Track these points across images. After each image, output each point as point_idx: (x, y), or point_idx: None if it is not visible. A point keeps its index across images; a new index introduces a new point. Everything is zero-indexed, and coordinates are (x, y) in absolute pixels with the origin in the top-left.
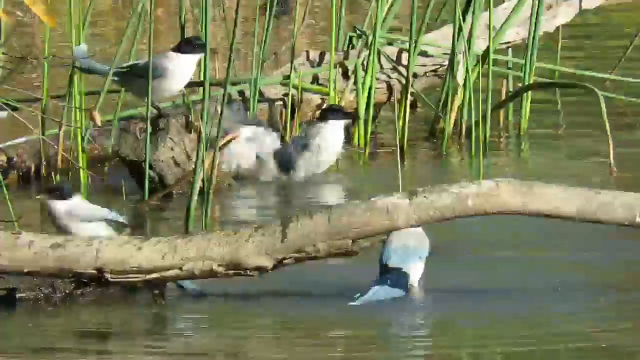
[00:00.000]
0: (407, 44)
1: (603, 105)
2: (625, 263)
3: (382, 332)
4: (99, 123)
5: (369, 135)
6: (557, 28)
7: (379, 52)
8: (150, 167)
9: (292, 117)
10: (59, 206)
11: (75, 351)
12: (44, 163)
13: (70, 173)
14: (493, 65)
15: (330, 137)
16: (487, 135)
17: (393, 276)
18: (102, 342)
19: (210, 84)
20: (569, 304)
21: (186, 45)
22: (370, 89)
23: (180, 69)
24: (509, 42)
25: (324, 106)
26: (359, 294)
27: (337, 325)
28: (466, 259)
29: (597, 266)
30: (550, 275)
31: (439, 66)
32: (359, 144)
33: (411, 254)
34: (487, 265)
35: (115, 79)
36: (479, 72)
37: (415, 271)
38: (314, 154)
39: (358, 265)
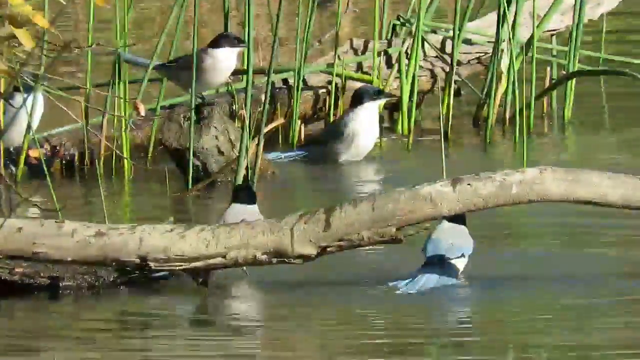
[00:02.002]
0: (451, 31)
1: None
2: None
3: (426, 320)
4: (142, 112)
5: (412, 123)
6: (601, 16)
7: (422, 40)
8: (194, 156)
9: (336, 105)
10: (237, 209)
11: (117, 339)
12: (88, 152)
13: (113, 161)
14: (537, 53)
15: (365, 120)
16: (531, 122)
17: (440, 267)
18: (144, 331)
19: (254, 72)
20: (615, 295)
21: (223, 40)
22: (413, 76)
23: (220, 64)
24: (553, 30)
25: (356, 89)
26: (407, 281)
27: (382, 312)
28: (511, 249)
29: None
30: (597, 266)
31: (482, 54)
32: (402, 132)
33: (457, 249)
34: (532, 256)
35: (161, 71)
36: (522, 59)
37: (461, 265)
38: (350, 141)
39: (393, 254)
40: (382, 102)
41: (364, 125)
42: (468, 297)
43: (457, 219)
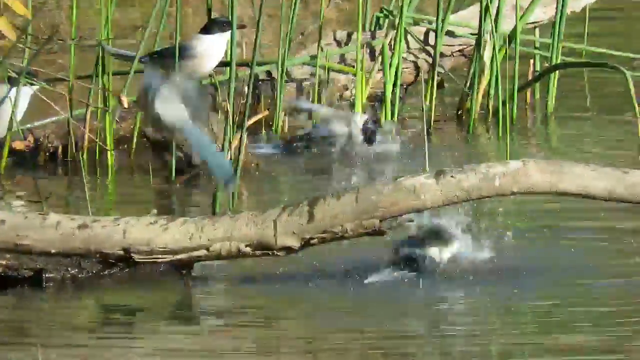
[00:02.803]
0: (434, 23)
1: (631, 85)
2: None
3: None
4: (126, 105)
5: (396, 115)
6: (584, 7)
7: (405, 32)
8: (177, 148)
9: (319, 98)
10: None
11: (101, 332)
12: (71, 144)
13: (97, 154)
14: (520, 45)
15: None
16: (514, 115)
17: (410, 258)
18: (128, 323)
19: (237, 65)
20: (601, 284)
21: (214, 26)
22: (397, 69)
23: (211, 50)
24: (536, 22)
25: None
26: (374, 275)
27: (366, 304)
28: (492, 238)
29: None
30: (582, 254)
31: (465, 46)
32: None
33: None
34: (511, 245)
35: (145, 63)
36: (505, 52)
37: (444, 253)
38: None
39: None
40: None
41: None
42: (446, 293)
43: None
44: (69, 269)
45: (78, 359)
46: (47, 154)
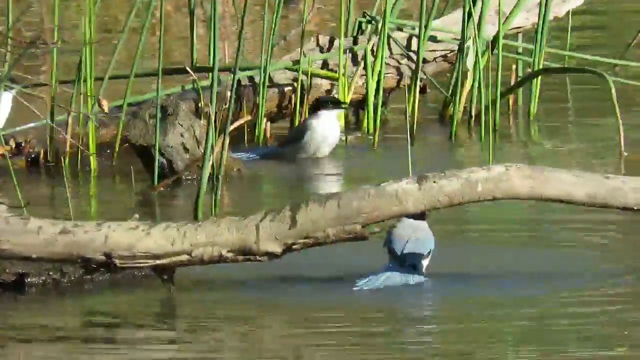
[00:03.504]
0: (417, 29)
1: (613, 90)
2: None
3: (389, 318)
4: (106, 109)
5: (378, 120)
6: (567, 13)
7: (388, 38)
8: (160, 153)
9: (302, 103)
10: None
11: (83, 337)
12: (53, 149)
13: (79, 159)
14: (503, 51)
15: (322, 129)
16: (497, 120)
17: (405, 265)
18: (109, 328)
19: (220, 70)
20: (578, 287)
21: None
22: (379, 74)
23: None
24: (518, 28)
25: (316, 98)
26: (367, 279)
27: (341, 311)
28: (473, 244)
29: (609, 249)
30: (561, 259)
31: (448, 51)
32: (368, 130)
33: (423, 246)
34: (496, 251)
35: None
36: (488, 57)
37: (425, 262)
38: (307, 149)
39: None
40: (339, 111)
41: (324, 132)
42: (432, 294)
43: (418, 215)
44: (51, 273)
45: None
46: (29, 159)
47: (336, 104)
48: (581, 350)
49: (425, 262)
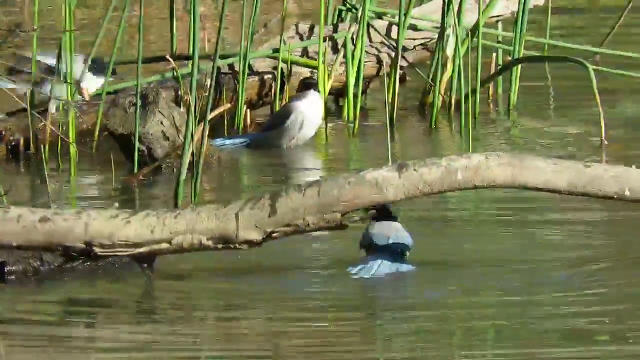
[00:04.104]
0: (397, 17)
1: (593, 78)
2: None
3: (371, 307)
4: (87, 97)
5: (358, 108)
6: (547, 1)
7: (368, 26)
8: (140, 141)
9: (282, 91)
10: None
11: (63, 324)
12: (33, 137)
13: (59, 147)
14: (482, 39)
15: (306, 110)
16: (477, 108)
17: (392, 254)
18: (89, 316)
19: (199, 58)
20: (558, 279)
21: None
22: (359, 62)
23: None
24: (498, 16)
25: (302, 79)
26: (361, 266)
27: (326, 298)
28: (455, 233)
29: (587, 242)
30: (541, 249)
31: (428, 40)
32: (348, 118)
33: (403, 237)
34: (476, 240)
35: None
36: (468, 45)
37: (408, 253)
38: (291, 131)
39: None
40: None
41: (308, 113)
42: (418, 283)
43: (388, 216)
44: (31, 262)
45: (40, 351)
46: (8, 147)
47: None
48: (562, 336)
49: (408, 254)
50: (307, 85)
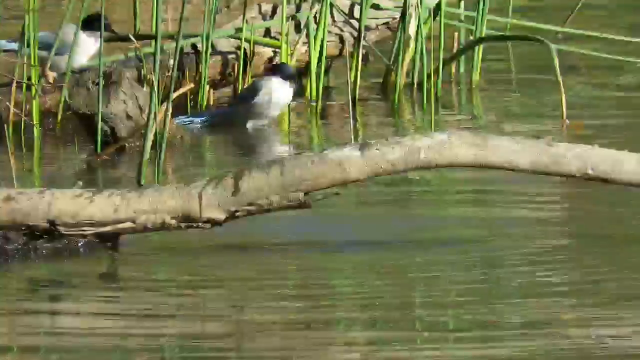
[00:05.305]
0: None
1: (555, 58)
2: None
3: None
4: (51, 80)
5: (321, 88)
6: None
7: (331, 5)
8: (103, 121)
9: (245, 70)
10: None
11: (27, 303)
12: None
13: (22, 127)
14: (445, 18)
15: (275, 89)
16: (439, 88)
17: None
18: (54, 295)
19: (162, 38)
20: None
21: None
22: (322, 42)
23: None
24: None
25: (273, 63)
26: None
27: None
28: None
29: (548, 217)
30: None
31: (391, 19)
32: (311, 97)
33: None
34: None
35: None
36: (430, 25)
37: None
38: (258, 108)
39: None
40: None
41: (278, 91)
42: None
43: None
44: None
45: (3, 327)
46: None
47: (290, 77)
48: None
49: None
50: (275, 67)
